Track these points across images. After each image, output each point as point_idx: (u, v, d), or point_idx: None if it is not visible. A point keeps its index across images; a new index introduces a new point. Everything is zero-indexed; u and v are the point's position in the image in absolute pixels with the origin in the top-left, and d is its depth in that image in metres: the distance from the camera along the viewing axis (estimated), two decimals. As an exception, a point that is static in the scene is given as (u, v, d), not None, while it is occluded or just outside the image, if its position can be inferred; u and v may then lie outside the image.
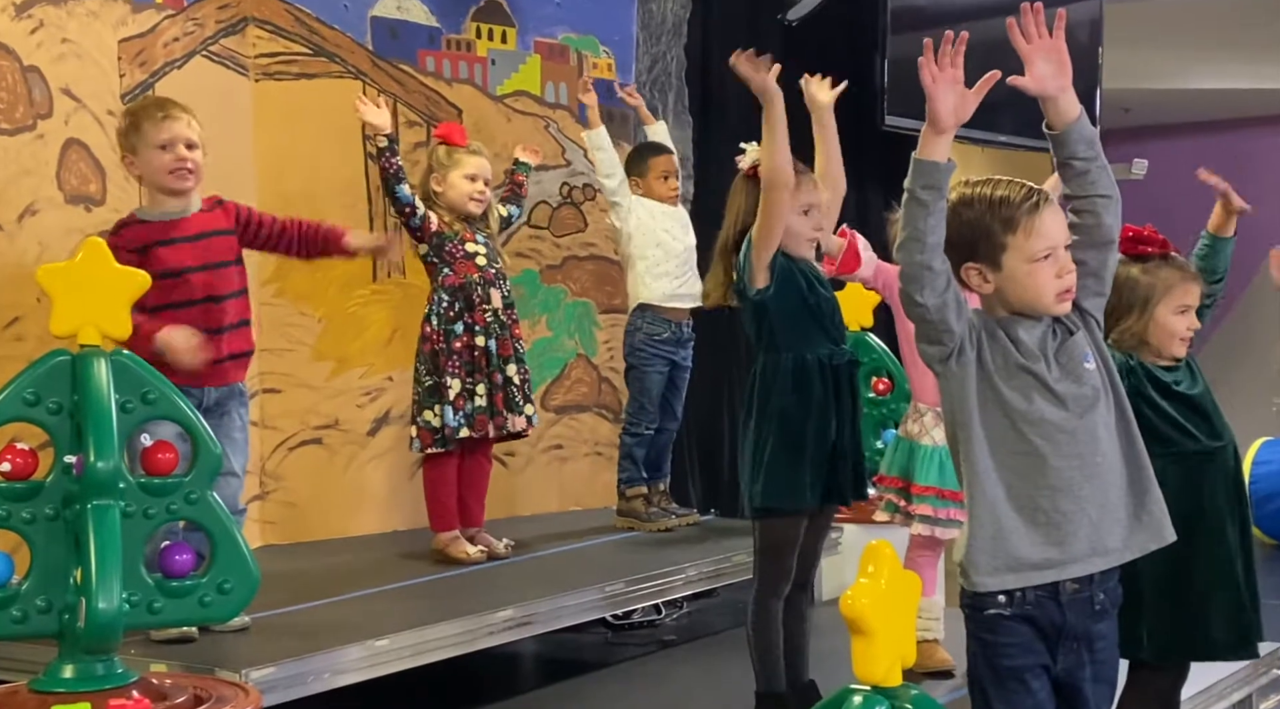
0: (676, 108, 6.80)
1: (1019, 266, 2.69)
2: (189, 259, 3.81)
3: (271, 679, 3.42)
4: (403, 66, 5.47)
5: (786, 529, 3.69)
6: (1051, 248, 2.69)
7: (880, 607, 2.26)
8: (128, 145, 3.83)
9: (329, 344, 5.28)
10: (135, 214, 3.85)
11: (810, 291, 3.68)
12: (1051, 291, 2.70)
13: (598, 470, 5.95)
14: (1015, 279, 2.70)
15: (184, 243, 3.81)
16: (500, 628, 4.10)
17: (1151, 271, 3.39)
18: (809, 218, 3.68)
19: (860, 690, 2.29)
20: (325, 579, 4.52)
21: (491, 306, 4.70)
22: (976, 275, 2.72)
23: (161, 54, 4.58)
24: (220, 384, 3.88)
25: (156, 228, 3.80)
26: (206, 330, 3.79)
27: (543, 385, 5.86)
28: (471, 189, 4.72)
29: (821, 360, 3.68)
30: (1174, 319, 3.37)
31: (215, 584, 3.02)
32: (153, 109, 3.85)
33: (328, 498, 5.28)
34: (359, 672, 3.67)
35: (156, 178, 3.80)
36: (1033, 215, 2.69)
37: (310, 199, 5.23)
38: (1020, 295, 2.71)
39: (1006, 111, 8.11)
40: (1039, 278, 2.69)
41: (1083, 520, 2.66)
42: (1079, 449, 2.67)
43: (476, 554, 4.71)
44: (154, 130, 3.77)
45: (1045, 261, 2.69)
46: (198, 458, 3.02)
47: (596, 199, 6.01)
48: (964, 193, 2.74)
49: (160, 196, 3.83)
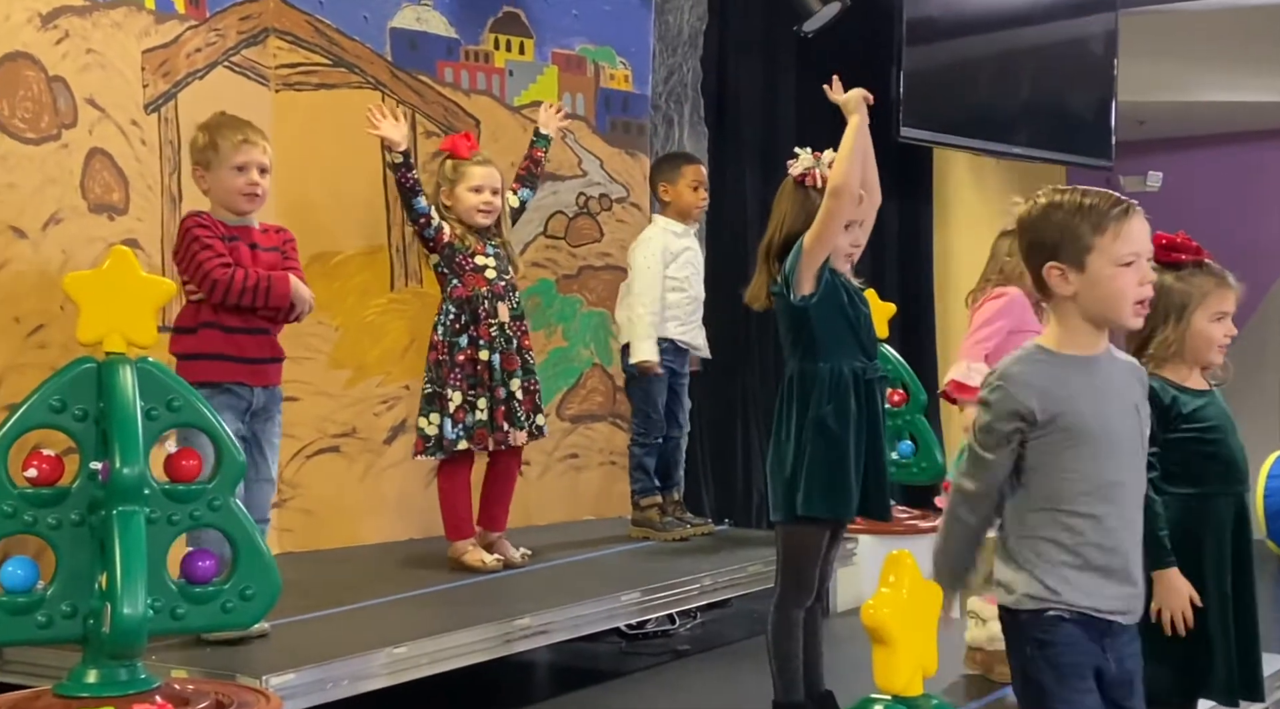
0: (692, 118, 6.83)
1: (1104, 269, 2.73)
2: (247, 263, 3.92)
3: (292, 685, 3.44)
4: (421, 77, 5.50)
5: (814, 538, 3.71)
6: (1136, 255, 2.74)
7: (901, 616, 2.29)
8: (202, 160, 3.93)
9: (346, 353, 5.31)
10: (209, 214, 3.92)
11: (850, 305, 3.72)
12: (1131, 299, 2.75)
13: (612, 480, 5.97)
14: (1098, 282, 2.74)
15: (247, 247, 3.95)
16: (518, 636, 4.12)
17: (1186, 279, 3.38)
18: (849, 233, 3.70)
19: (881, 700, 2.32)
20: (343, 586, 4.55)
21: (498, 320, 4.72)
22: (1058, 276, 2.76)
23: (184, 64, 4.61)
24: (268, 385, 3.98)
25: (229, 229, 3.92)
26: (262, 329, 3.96)
27: (558, 395, 5.89)
28: (478, 201, 4.75)
29: (855, 373, 3.69)
30: (1211, 326, 3.37)
31: (238, 590, 3.05)
32: (230, 130, 3.95)
33: (345, 505, 5.30)
34: (379, 679, 3.69)
35: (226, 197, 3.93)
36: (1122, 220, 2.74)
37: (329, 209, 5.28)
38: (1100, 300, 2.76)
39: (1021, 124, 8.20)
40: (1121, 282, 2.74)
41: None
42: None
43: (493, 562, 4.73)
44: (232, 152, 3.90)
45: (1129, 268, 2.74)
46: (221, 465, 3.05)
47: (613, 209, 6.05)
48: (1053, 197, 2.81)
49: (224, 213, 3.95)
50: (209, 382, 3.74)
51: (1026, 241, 2.86)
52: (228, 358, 3.82)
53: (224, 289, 3.77)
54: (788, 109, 7.40)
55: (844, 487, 3.65)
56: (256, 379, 3.89)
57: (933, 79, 7.26)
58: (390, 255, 5.42)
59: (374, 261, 5.39)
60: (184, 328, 3.84)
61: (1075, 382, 2.78)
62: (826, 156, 3.70)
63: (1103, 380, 2.83)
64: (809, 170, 3.73)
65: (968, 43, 7.60)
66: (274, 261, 3.97)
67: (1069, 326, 2.81)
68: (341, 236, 5.32)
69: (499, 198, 4.83)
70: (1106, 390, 2.83)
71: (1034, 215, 2.83)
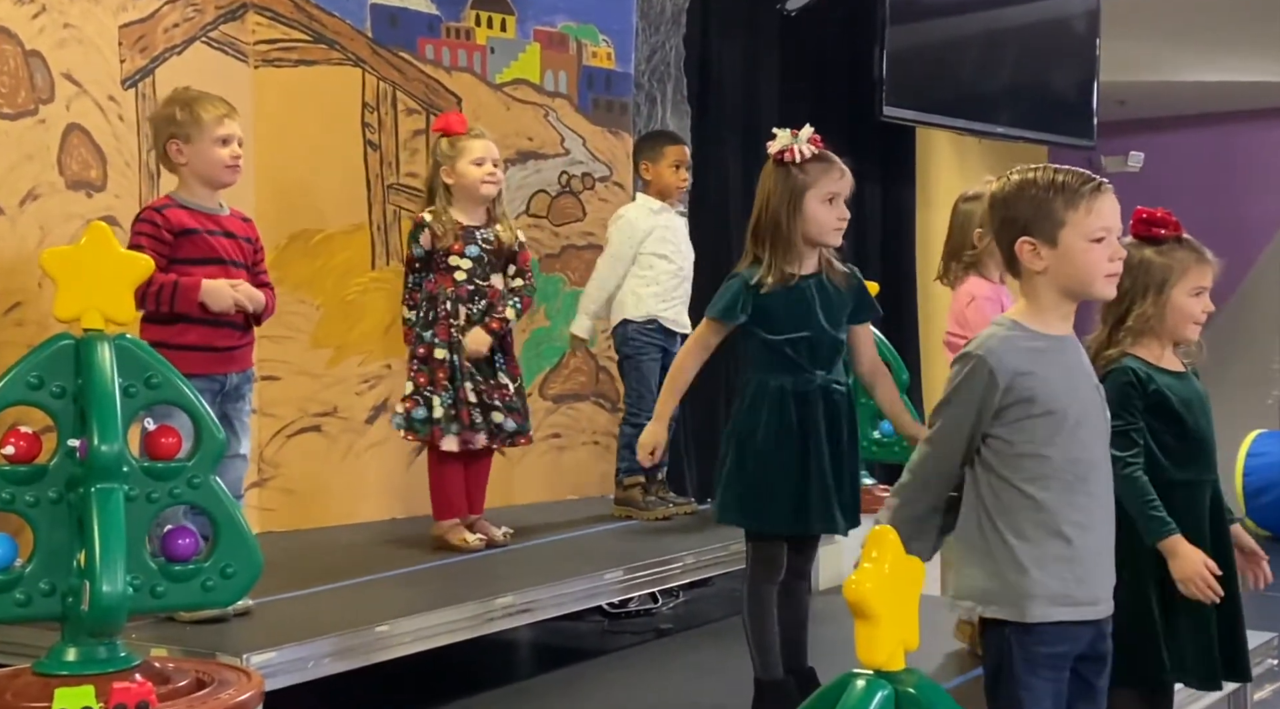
0: (675, 97, 6.82)
1: (1076, 244, 2.77)
2: (227, 251, 3.91)
3: (273, 663, 3.43)
4: (402, 54, 5.47)
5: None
6: (1107, 231, 2.78)
7: (883, 591, 2.27)
8: (181, 133, 3.88)
9: (327, 332, 5.29)
10: (174, 198, 3.88)
11: (793, 315, 3.66)
12: (1102, 272, 2.79)
13: (595, 459, 5.96)
14: (1071, 257, 2.77)
15: (222, 236, 3.92)
16: (500, 614, 4.11)
17: (1166, 254, 3.38)
18: (834, 207, 3.69)
19: (863, 675, 2.30)
20: (325, 565, 4.54)
21: (457, 322, 4.67)
22: (1030, 251, 2.79)
23: (162, 40, 4.58)
24: (240, 369, 3.94)
25: (199, 216, 3.88)
26: (236, 322, 3.92)
27: (540, 374, 5.87)
28: (481, 173, 4.71)
29: (785, 387, 3.67)
30: (1190, 301, 3.36)
31: (218, 568, 3.02)
32: (211, 104, 3.92)
33: (326, 485, 5.29)
34: (360, 656, 3.68)
35: (209, 170, 3.89)
36: (1094, 196, 2.78)
37: (309, 187, 5.26)
38: (1072, 274, 2.79)
39: (1004, 104, 8.20)
40: (1093, 256, 2.77)
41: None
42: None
43: (475, 542, 4.71)
44: (215, 125, 3.88)
45: (1100, 244, 2.77)
46: (200, 442, 3.02)
47: (596, 188, 6.02)
48: (1027, 174, 2.84)
49: (198, 188, 3.91)
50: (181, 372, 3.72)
51: (999, 218, 2.88)
52: (199, 348, 3.79)
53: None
54: (771, 87, 7.39)
55: (761, 501, 3.65)
56: (229, 366, 3.88)
57: (915, 58, 7.26)
58: (371, 233, 5.39)
59: (355, 240, 5.36)
60: (156, 317, 3.80)
61: (1049, 359, 2.81)
62: (804, 133, 3.69)
63: (1072, 358, 2.87)
64: (787, 147, 3.72)
65: (951, 22, 7.59)
66: (246, 251, 3.94)
67: (1041, 303, 2.83)
68: (322, 215, 5.29)
69: (499, 170, 4.79)
70: (1076, 368, 2.87)
71: (1007, 192, 2.85)
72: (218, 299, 3.81)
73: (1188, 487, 3.36)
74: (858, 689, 2.28)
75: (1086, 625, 2.83)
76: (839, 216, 3.68)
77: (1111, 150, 11.29)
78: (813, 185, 3.64)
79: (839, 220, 3.68)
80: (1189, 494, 3.36)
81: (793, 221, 3.64)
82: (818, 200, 3.64)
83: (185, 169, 3.86)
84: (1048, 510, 2.77)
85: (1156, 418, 3.34)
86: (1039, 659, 2.79)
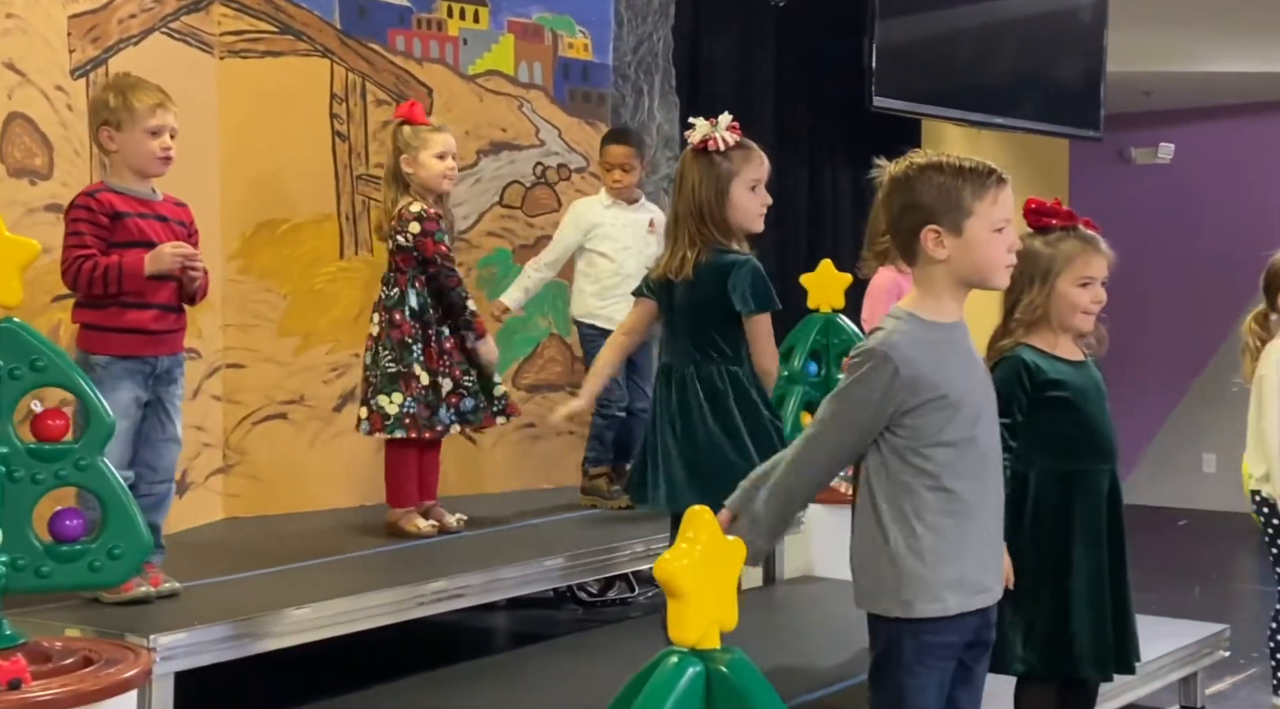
0: (663, 88, 6.81)
1: (980, 234, 2.75)
2: (159, 235, 3.91)
3: (181, 645, 3.47)
4: (372, 45, 5.51)
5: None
6: (1007, 221, 2.79)
7: (694, 571, 2.28)
8: (114, 120, 3.90)
9: (295, 320, 5.34)
10: (106, 183, 3.92)
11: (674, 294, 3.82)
12: (1002, 263, 2.79)
13: (569, 449, 5.96)
14: (975, 247, 2.75)
15: (154, 220, 3.93)
16: (430, 599, 4.14)
17: (1054, 244, 3.39)
18: (757, 194, 3.72)
19: (677, 652, 2.31)
20: (273, 550, 4.59)
21: (437, 315, 4.76)
22: (934, 239, 2.75)
23: (116, 30, 4.63)
24: (171, 353, 3.97)
25: (130, 201, 3.90)
26: (169, 305, 3.92)
27: (514, 364, 5.90)
28: (443, 167, 4.73)
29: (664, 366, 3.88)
30: (1075, 291, 3.36)
31: (105, 549, 3.08)
32: (144, 93, 3.92)
33: (293, 472, 5.34)
34: (275, 640, 3.72)
35: (140, 160, 3.90)
36: (999, 187, 2.78)
37: (276, 177, 5.31)
38: (974, 264, 2.77)
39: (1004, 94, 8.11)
40: (995, 246, 2.77)
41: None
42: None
43: (427, 528, 4.75)
44: (147, 114, 3.87)
45: (1001, 234, 2.77)
46: (89, 425, 3.07)
47: (572, 179, 6.04)
48: (931, 159, 2.81)
49: (130, 176, 3.92)
50: (112, 353, 3.80)
51: (900, 203, 2.83)
52: (129, 330, 3.82)
53: (72, 278, 3.76)
54: (765, 79, 7.37)
55: (638, 473, 3.89)
56: (159, 349, 3.89)
57: (909, 47, 7.20)
58: (340, 223, 5.44)
59: (323, 230, 5.41)
60: (88, 298, 3.85)
61: (946, 350, 2.78)
62: (723, 121, 3.71)
63: (965, 345, 2.85)
64: (708, 136, 3.73)
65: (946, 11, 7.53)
66: (180, 235, 3.96)
67: (937, 292, 2.79)
68: (290, 205, 5.34)
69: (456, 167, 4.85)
70: (969, 356, 2.85)
71: (910, 176, 2.80)
72: (159, 261, 3.81)
73: (1084, 476, 3.37)
74: (669, 666, 2.30)
75: (975, 614, 2.81)
76: (762, 202, 3.71)
77: (1139, 142, 11.19)
78: (738, 173, 3.67)
79: (762, 206, 3.71)
80: (1085, 483, 3.36)
81: (721, 210, 3.66)
82: (743, 187, 3.68)
83: (116, 156, 3.90)
84: (945, 499, 2.74)
85: (1051, 407, 3.33)
86: (928, 648, 2.76)
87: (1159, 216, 10.66)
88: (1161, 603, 6.26)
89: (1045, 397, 3.30)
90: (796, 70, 7.44)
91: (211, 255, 5.10)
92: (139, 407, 3.84)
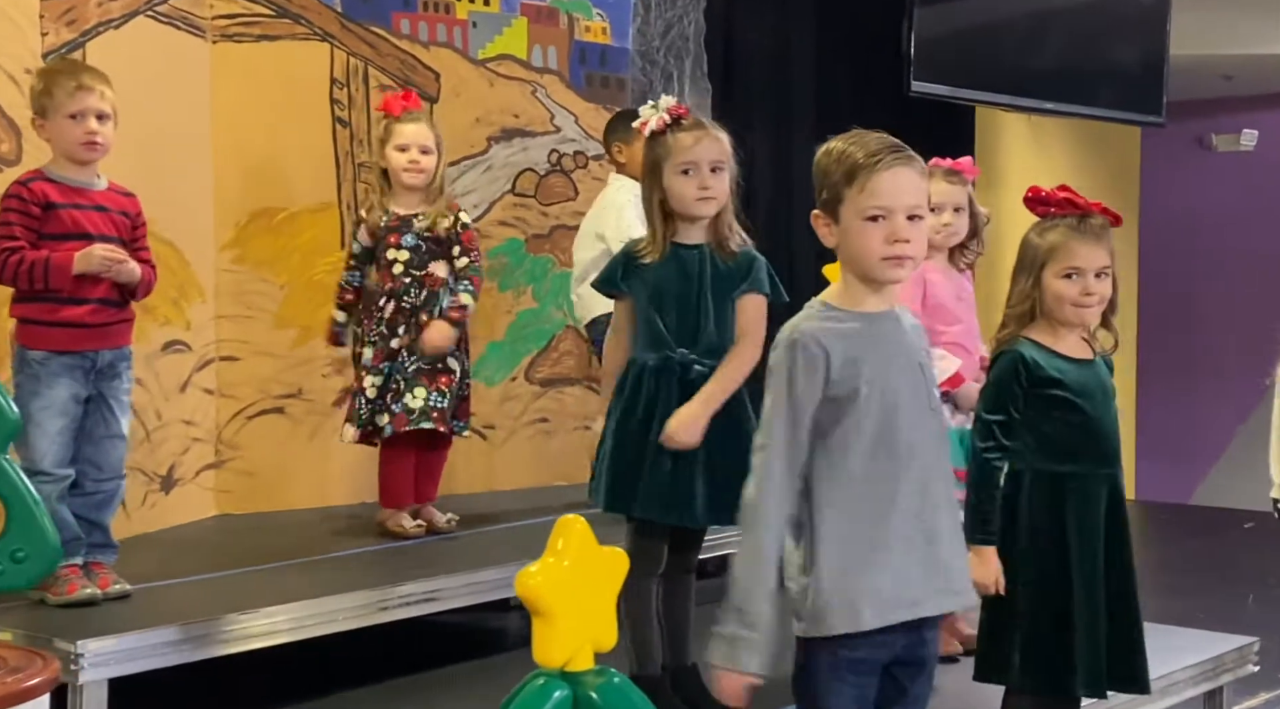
0: (694, 73, 6.59)
1: (851, 222, 2.57)
2: (96, 226, 3.78)
3: (109, 651, 3.34)
4: (375, 29, 5.33)
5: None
6: (884, 210, 2.54)
7: (560, 587, 2.07)
8: (38, 108, 3.81)
9: (292, 311, 5.18)
10: (44, 171, 3.80)
11: (667, 290, 3.47)
12: (876, 255, 2.56)
13: (584, 445, 5.76)
14: (846, 235, 2.58)
15: (92, 210, 3.80)
16: (396, 604, 3.97)
17: (1041, 234, 3.18)
18: (691, 177, 3.45)
19: (544, 673, 2.10)
20: (248, 550, 4.43)
21: (382, 314, 4.54)
22: (823, 224, 2.61)
23: (95, 13, 4.49)
24: (113, 346, 3.83)
25: (67, 190, 3.77)
26: (107, 299, 3.78)
27: (528, 357, 5.72)
28: (403, 160, 4.53)
29: (661, 364, 3.47)
30: (1060, 283, 3.11)
31: (8, 552, 2.91)
32: (65, 77, 3.81)
33: (289, 468, 5.19)
34: (218, 646, 3.57)
35: (65, 147, 3.79)
36: (871, 173, 2.55)
37: (273, 165, 5.16)
38: (851, 253, 2.60)
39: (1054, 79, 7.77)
40: (865, 237, 2.56)
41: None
42: None
43: (414, 529, 4.58)
44: (66, 100, 3.75)
45: (874, 223, 2.55)
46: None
47: (589, 167, 5.83)
48: (832, 142, 2.63)
49: (66, 164, 3.81)
50: (49, 349, 3.68)
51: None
52: (67, 324, 3.69)
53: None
54: (805, 64, 7.10)
55: (617, 482, 3.51)
56: (99, 343, 3.76)
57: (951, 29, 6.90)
58: (341, 212, 5.27)
59: (323, 218, 5.25)
60: (24, 293, 3.72)
61: (862, 340, 2.58)
62: (663, 103, 3.49)
63: (890, 336, 2.62)
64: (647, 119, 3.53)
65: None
66: (122, 226, 3.82)
67: (847, 281, 2.63)
68: (287, 193, 5.19)
69: (430, 157, 4.57)
70: (894, 347, 2.63)
71: (815, 157, 2.64)
72: (89, 261, 3.67)
73: (1080, 479, 3.12)
74: (534, 688, 2.09)
75: (900, 629, 2.57)
76: (699, 186, 3.43)
77: (1221, 128, 10.77)
78: (666, 158, 3.45)
79: (699, 190, 3.43)
80: (1081, 487, 3.12)
81: (655, 195, 3.45)
82: (672, 172, 3.43)
83: (52, 144, 3.78)
84: (856, 497, 2.53)
85: (1048, 404, 3.11)
86: (845, 664, 2.56)
87: (1241, 206, 10.27)
88: (1209, 611, 5.95)
89: (1042, 394, 3.09)
90: (838, 54, 7.15)
91: (204, 245, 5.01)
92: (78, 403, 3.72)
